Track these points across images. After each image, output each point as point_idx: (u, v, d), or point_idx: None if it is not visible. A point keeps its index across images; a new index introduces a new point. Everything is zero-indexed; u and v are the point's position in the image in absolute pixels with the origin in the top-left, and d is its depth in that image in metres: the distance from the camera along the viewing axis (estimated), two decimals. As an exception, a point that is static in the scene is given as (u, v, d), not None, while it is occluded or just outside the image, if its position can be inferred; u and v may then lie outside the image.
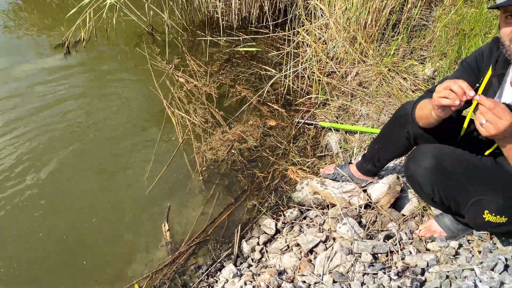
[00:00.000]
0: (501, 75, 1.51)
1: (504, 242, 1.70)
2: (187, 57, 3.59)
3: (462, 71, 1.66)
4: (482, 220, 1.49)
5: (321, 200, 2.25)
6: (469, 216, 1.56)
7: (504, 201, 1.47)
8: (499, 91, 1.53)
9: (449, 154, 1.55)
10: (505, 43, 1.34)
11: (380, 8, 3.19)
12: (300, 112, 3.04)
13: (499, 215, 1.47)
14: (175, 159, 2.59)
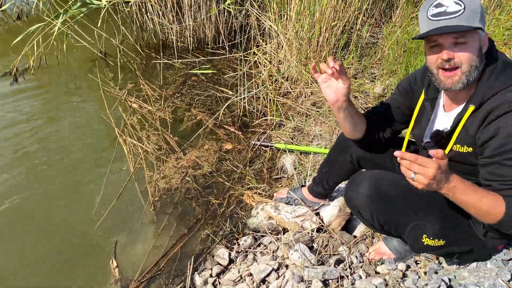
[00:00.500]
0: (433, 99, 1.55)
1: (449, 261, 1.73)
2: (141, 82, 3.54)
3: (398, 94, 1.71)
4: (422, 244, 1.52)
5: (276, 225, 2.23)
6: (409, 241, 1.59)
7: (440, 225, 1.50)
8: (433, 116, 1.57)
9: (386, 180, 1.58)
10: (432, 71, 1.37)
11: (330, 28, 3.24)
12: (256, 133, 3.03)
13: (437, 239, 1.50)
14: (126, 190, 2.52)
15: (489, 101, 1.31)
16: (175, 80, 3.61)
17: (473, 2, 1.25)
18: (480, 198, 1.24)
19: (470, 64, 1.30)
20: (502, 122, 1.27)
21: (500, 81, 1.32)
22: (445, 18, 1.25)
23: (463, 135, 1.41)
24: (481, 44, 1.31)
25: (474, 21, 1.25)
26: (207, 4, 3.86)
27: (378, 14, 3.69)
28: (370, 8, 3.59)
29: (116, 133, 2.94)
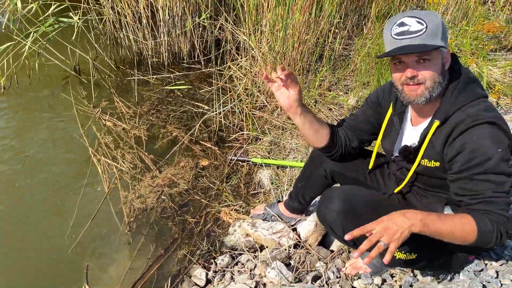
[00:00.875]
0: (401, 113, 1.59)
1: (423, 273, 1.74)
2: (115, 99, 3.50)
3: (367, 107, 1.74)
4: (394, 259, 1.53)
5: (253, 242, 2.22)
6: (381, 255, 1.60)
7: (411, 238, 1.51)
8: (401, 130, 1.60)
9: (357, 195, 1.60)
10: (397, 87, 1.41)
11: (303, 42, 3.27)
12: (233, 148, 3.02)
13: (408, 253, 1.52)
14: (100, 211, 2.47)
15: (453, 117, 1.36)
16: (150, 96, 3.59)
17: (434, 20, 1.29)
18: (451, 223, 1.27)
19: (433, 81, 1.34)
20: (466, 137, 1.30)
21: (463, 97, 1.36)
22: (408, 37, 1.29)
23: (430, 150, 1.44)
24: (443, 61, 1.35)
25: (436, 39, 1.29)
26: (182, 19, 3.86)
27: (350, 27, 3.74)
28: (342, 22, 3.64)
29: (90, 153, 2.90)
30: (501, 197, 1.28)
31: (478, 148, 1.27)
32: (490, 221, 1.26)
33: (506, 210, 1.28)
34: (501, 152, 1.27)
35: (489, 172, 1.28)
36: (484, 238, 1.27)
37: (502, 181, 1.28)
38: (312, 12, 3.13)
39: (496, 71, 3.05)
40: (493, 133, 1.28)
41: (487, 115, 1.30)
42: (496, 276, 1.61)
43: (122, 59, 4.10)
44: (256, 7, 3.20)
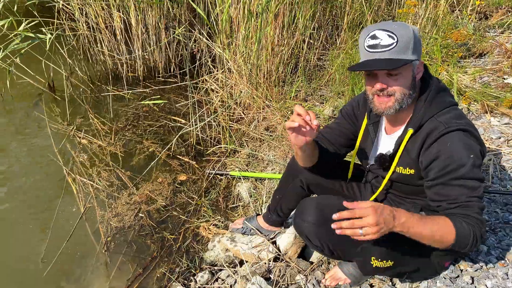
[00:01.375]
0: (376, 123, 1.61)
1: (401, 282, 1.76)
2: (90, 115, 3.45)
3: (341, 119, 1.76)
4: (371, 267, 1.55)
5: (233, 257, 2.20)
6: (358, 264, 1.63)
7: (387, 245, 1.53)
8: (376, 139, 1.63)
9: (332, 205, 1.61)
10: (368, 96, 1.44)
11: (277, 54, 3.30)
12: (211, 162, 3.01)
13: (385, 260, 1.53)
14: (76, 232, 2.41)
15: (426, 124, 1.40)
16: (126, 112, 3.55)
17: (406, 34, 1.31)
18: (431, 226, 1.29)
19: (402, 93, 1.38)
20: (440, 144, 1.35)
21: (435, 105, 1.40)
22: (379, 51, 1.32)
23: (405, 158, 1.47)
24: (414, 74, 1.39)
25: (406, 53, 1.32)
26: (157, 33, 3.85)
27: (324, 38, 3.79)
28: (316, 33, 3.69)
29: (64, 172, 2.83)
30: (475, 201, 1.32)
31: (452, 155, 1.32)
32: (467, 224, 1.29)
33: (480, 214, 1.32)
34: (473, 158, 1.32)
35: (464, 178, 1.32)
36: (462, 241, 1.30)
37: (475, 186, 1.33)
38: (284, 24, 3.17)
39: (466, 77, 3.12)
40: (465, 140, 1.33)
41: (459, 122, 1.35)
42: (471, 282, 1.63)
43: (97, 74, 4.05)
44: (230, 20, 3.21)
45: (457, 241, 1.29)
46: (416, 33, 1.35)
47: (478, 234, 1.30)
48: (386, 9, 3.84)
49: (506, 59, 3.14)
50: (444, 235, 1.29)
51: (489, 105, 2.84)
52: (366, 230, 1.21)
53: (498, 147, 2.57)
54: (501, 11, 3.61)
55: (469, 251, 1.36)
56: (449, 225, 1.29)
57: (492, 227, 1.93)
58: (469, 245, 1.31)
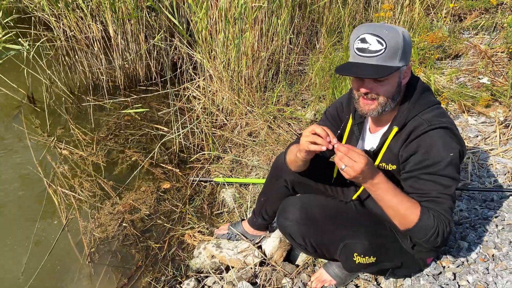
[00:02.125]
0: (360, 123, 1.64)
1: (386, 280, 1.78)
2: (71, 126, 3.40)
3: (325, 121, 1.78)
4: (354, 263, 1.57)
5: (219, 264, 2.19)
6: (341, 261, 1.65)
7: (369, 241, 1.56)
8: (361, 138, 1.65)
9: (315, 203, 1.65)
10: (354, 96, 1.46)
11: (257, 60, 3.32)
12: (195, 169, 3.00)
13: (368, 256, 1.56)
14: (58, 244, 2.37)
15: (410, 122, 1.43)
16: (107, 121, 3.52)
17: (395, 40, 1.31)
18: (400, 201, 1.36)
19: (386, 97, 1.40)
20: (421, 140, 1.38)
21: (419, 104, 1.43)
22: (367, 56, 1.33)
23: (388, 154, 1.50)
24: (400, 79, 1.40)
25: (394, 59, 1.33)
26: (136, 42, 3.83)
27: (303, 43, 3.83)
28: (295, 38, 3.73)
29: (45, 184, 2.79)
30: (446, 199, 1.35)
31: (430, 151, 1.35)
32: (434, 218, 1.34)
33: (448, 213, 1.35)
34: (452, 156, 1.34)
35: (437, 174, 1.35)
36: (422, 229, 1.35)
37: (448, 184, 1.36)
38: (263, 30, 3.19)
39: (443, 78, 3.19)
40: (446, 139, 1.36)
41: (442, 120, 1.38)
42: (453, 278, 1.66)
43: (77, 85, 4.01)
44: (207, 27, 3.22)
45: (417, 226, 1.35)
46: (407, 38, 1.35)
47: (441, 230, 1.34)
48: (364, 14, 3.91)
49: (481, 60, 3.23)
50: (408, 214, 1.35)
51: (466, 105, 2.90)
52: (347, 169, 1.33)
53: (476, 145, 2.63)
54: (474, 13, 3.70)
55: (427, 243, 1.39)
56: (417, 210, 1.35)
57: (472, 224, 1.97)
58: (428, 236, 1.35)
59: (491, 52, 3.31)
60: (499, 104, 2.85)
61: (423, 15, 3.61)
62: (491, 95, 2.87)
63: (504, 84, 2.86)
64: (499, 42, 3.40)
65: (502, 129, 2.68)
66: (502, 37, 3.34)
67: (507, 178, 2.30)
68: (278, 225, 1.70)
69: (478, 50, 3.29)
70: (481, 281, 1.62)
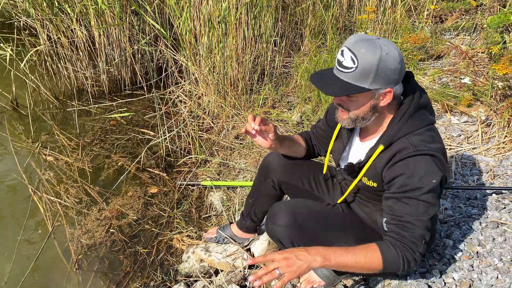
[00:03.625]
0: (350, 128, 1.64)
1: (374, 280, 1.80)
2: (55, 132, 3.37)
3: (324, 120, 1.82)
4: None
5: (208, 267, 2.19)
6: None
7: (356, 243, 1.57)
8: (349, 143, 1.66)
9: (303, 208, 1.66)
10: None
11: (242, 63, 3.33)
12: (182, 173, 2.99)
13: None
14: (44, 252, 2.35)
15: (396, 143, 1.40)
16: (92, 126, 3.48)
17: (369, 62, 1.28)
18: (355, 255, 1.33)
19: (356, 115, 1.40)
20: (405, 165, 1.36)
21: (410, 124, 1.40)
22: (339, 70, 1.33)
23: (371, 171, 1.50)
24: (376, 102, 1.38)
25: (364, 81, 1.30)
26: (121, 46, 3.81)
27: (288, 45, 3.86)
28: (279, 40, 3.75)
29: (30, 191, 2.75)
30: (419, 226, 1.35)
31: (413, 176, 1.33)
32: (395, 249, 1.34)
33: (418, 239, 1.35)
34: (434, 183, 1.33)
35: (416, 199, 1.34)
36: (391, 267, 1.35)
37: (425, 211, 1.35)
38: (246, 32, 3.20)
39: (426, 79, 3.25)
40: (430, 166, 1.33)
41: (430, 146, 1.36)
42: (440, 276, 1.69)
43: (61, 90, 3.96)
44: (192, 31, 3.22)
45: (385, 267, 1.34)
46: (387, 62, 1.29)
47: (410, 257, 1.34)
48: (347, 15, 3.95)
49: (462, 60, 3.29)
50: (371, 262, 1.34)
51: (449, 105, 2.96)
52: (281, 268, 1.25)
53: (459, 145, 2.68)
54: (455, 15, 3.78)
55: (405, 272, 1.41)
56: (376, 253, 1.34)
57: (456, 222, 2.00)
58: (400, 268, 1.35)
59: (472, 52, 3.37)
60: (480, 103, 2.90)
61: (405, 17, 3.66)
62: (472, 94, 2.92)
63: (485, 84, 2.92)
64: (479, 43, 3.47)
65: (483, 128, 2.74)
66: (482, 38, 3.41)
67: (489, 176, 2.35)
68: (266, 230, 1.71)
69: (459, 50, 3.36)
70: (466, 278, 1.66)
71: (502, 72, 2.40)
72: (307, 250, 1.30)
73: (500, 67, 2.41)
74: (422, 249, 1.36)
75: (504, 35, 3.14)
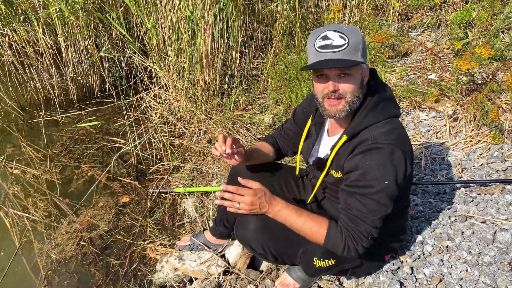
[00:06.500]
0: (319, 124, 1.64)
1: (348, 279, 1.80)
2: (22, 144, 3.26)
3: (292, 120, 1.83)
4: (314, 267, 1.59)
5: (182, 276, 2.16)
6: (302, 266, 1.66)
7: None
8: (317, 140, 1.66)
9: None
10: (318, 99, 1.45)
11: (211, 66, 3.30)
12: (154, 180, 2.94)
13: (327, 259, 1.58)
14: (11, 269, 2.26)
15: (360, 134, 1.42)
16: (61, 137, 3.39)
17: (356, 37, 1.34)
18: (304, 221, 1.45)
19: (353, 95, 1.39)
20: (362, 159, 1.37)
21: (372, 116, 1.42)
22: (331, 51, 1.33)
23: (337, 161, 1.51)
24: (363, 76, 1.41)
25: (357, 55, 1.34)
26: (88, 53, 3.73)
27: (258, 47, 3.85)
28: (248, 42, 3.74)
29: (-5, 207, 2.66)
30: (365, 222, 1.37)
31: (367, 174, 1.35)
32: (342, 234, 1.40)
33: (363, 234, 1.38)
34: (387, 185, 1.34)
35: (367, 197, 1.36)
36: (331, 246, 1.44)
37: (374, 209, 1.37)
38: (215, 35, 3.18)
39: (394, 76, 3.29)
40: (387, 163, 1.34)
41: (389, 138, 1.36)
42: (411, 272, 1.71)
43: (27, 100, 3.85)
44: (158, 36, 3.18)
45: (326, 242, 1.44)
46: (364, 39, 1.38)
47: (351, 246, 1.39)
48: (316, 16, 3.97)
49: (428, 57, 3.35)
50: (314, 235, 1.45)
51: (417, 101, 3.00)
52: (242, 205, 1.45)
53: (428, 140, 2.73)
54: (420, 12, 3.84)
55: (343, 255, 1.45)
56: (323, 228, 1.43)
57: (427, 217, 2.03)
58: (340, 251, 1.42)
59: (437, 49, 3.44)
60: (447, 98, 2.96)
61: (372, 15, 3.70)
62: (439, 90, 2.97)
63: (450, 79, 2.98)
64: (444, 39, 3.54)
65: (451, 123, 2.79)
66: (447, 34, 3.48)
67: (457, 170, 2.39)
68: (236, 236, 1.69)
69: (425, 47, 3.41)
70: (437, 272, 1.67)
71: (464, 68, 2.45)
72: (271, 202, 1.47)
73: (462, 62, 2.46)
74: (366, 243, 1.40)
75: (467, 30, 3.21)
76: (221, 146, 1.55)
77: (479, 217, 1.94)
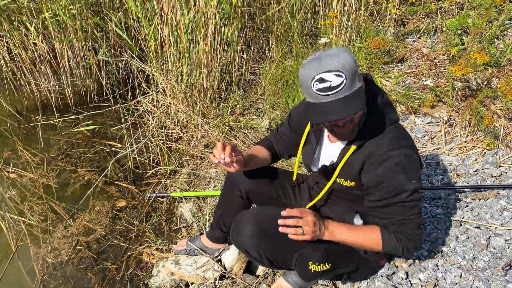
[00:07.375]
0: (318, 131, 1.64)
1: (343, 284, 1.81)
2: (19, 147, 3.26)
3: (287, 125, 1.82)
4: (309, 272, 1.60)
5: (178, 281, 2.16)
6: (298, 271, 1.67)
7: (322, 249, 1.58)
8: (319, 146, 1.66)
9: (268, 217, 1.65)
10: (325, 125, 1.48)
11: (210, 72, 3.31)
12: (151, 185, 2.95)
13: (322, 264, 1.59)
14: (8, 273, 2.26)
15: (368, 143, 1.44)
16: (58, 141, 3.40)
17: (349, 64, 1.28)
18: (360, 236, 1.50)
19: (360, 116, 1.40)
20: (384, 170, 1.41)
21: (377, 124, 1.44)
22: (332, 93, 1.28)
23: (346, 170, 1.52)
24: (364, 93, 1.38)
25: (355, 84, 1.31)
26: (85, 57, 3.74)
27: (256, 53, 3.87)
28: (246, 47, 3.76)
29: (-9, 211, 2.66)
30: (413, 218, 1.43)
31: (394, 183, 1.41)
32: (397, 239, 1.44)
33: (416, 228, 1.44)
34: (414, 183, 1.41)
35: (403, 202, 1.42)
36: (390, 251, 1.48)
37: (414, 206, 1.43)
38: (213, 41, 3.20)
39: (390, 82, 3.31)
40: (405, 165, 1.41)
41: (400, 144, 1.42)
42: (406, 277, 1.72)
43: (24, 104, 3.85)
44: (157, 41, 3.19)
45: (385, 250, 1.47)
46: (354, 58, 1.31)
47: (409, 246, 1.45)
48: (312, 22, 3.99)
49: (424, 62, 3.37)
50: (371, 246, 1.49)
51: (413, 107, 3.02)
52: (306, 229, 1.43)
53: (423, 145, 2.74)
54: (416, 18, 3.87)
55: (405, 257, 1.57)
56: (377, 238, 1.46)
57: (422, 222, 2.04)
58: (400, 253, 1.47)
59: (433, 55, 3.47)
60: (443, 104, 2.98)
61: (368, 21, 3.73)
62: (435, 96, 3.00)
63: (446, 85, 3.00)
64: (440, 45, 3.57)
65: (446, 128, 2.81)
66: (442, 40, 3.51)
67: (452, 175, 2.41)
68: (232, 241, 1.70)
69: (421, 53, 3.44)
70: (432, 277, 1.69)
71: (458, 74, 2.47)
72: (326, 225, 1.50)
73: (456, 68, 2.49)
74: (420, 235, 1.46)
75: (463, 37, 3.24)
76: (220, 154, 1.54)
77: (473, 223, 1.95)
